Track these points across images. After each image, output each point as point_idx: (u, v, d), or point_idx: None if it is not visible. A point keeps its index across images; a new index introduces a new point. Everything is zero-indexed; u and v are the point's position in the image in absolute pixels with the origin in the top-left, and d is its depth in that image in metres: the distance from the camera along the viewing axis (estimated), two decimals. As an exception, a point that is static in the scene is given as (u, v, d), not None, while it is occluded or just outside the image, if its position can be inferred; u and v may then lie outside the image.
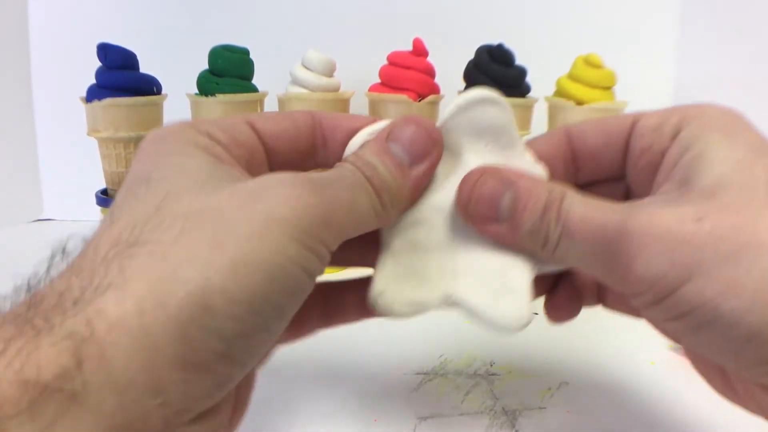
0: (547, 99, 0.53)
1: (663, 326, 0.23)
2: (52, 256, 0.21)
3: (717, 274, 0.19)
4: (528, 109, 0.53)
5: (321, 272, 0.21)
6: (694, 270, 0.19)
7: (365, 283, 0.26)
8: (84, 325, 0.16)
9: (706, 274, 0.19)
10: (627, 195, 0.27)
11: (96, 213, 0.52)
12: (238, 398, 0.23)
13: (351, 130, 0.26)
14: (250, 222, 0.19)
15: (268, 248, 0.19)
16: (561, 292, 0.29)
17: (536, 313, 0.32)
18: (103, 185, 0.52)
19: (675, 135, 0.24)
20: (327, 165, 0.26)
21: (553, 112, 0.52)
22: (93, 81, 0.49)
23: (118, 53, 0.49)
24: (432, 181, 0.25)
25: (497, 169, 0.24)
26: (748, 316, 0.19)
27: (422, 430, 0.32)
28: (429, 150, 0.24)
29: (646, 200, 0.22)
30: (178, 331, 0.17)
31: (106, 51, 0.49)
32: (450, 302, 0.25)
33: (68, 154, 0.72)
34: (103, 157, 0.51)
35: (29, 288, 0.19)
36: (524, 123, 0.54)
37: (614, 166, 0.26)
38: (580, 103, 0.50)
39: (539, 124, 0.54)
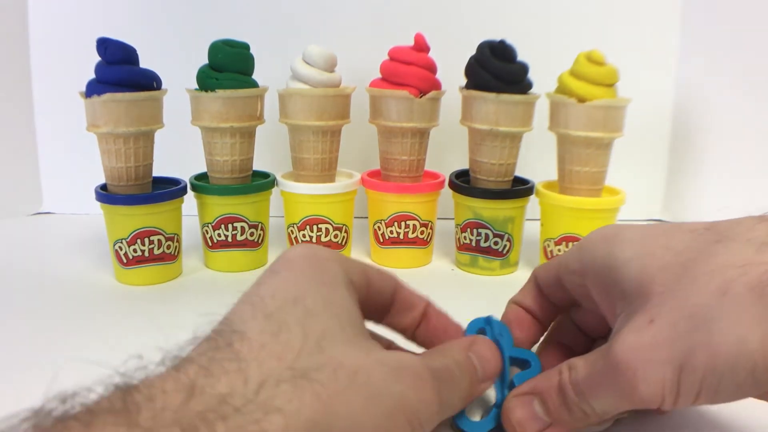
0: (548, 95, 0.52)
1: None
2: (203, 340, 0.23)
3: (695, 356, 0.22)
4: (530, 106, 0.53)
5: None
6: (684, 361, 0.22)
7: None
8: None
9: (692, 358, 0.22)
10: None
11: (95, 207, 0.52)
12: None
13: (410, 309, 0.31)
14: (390, 397, 0.22)
15: (408, 409, 0.23)
16: None
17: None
18: (102, 180, 0.52)
19: (583, 271, 0.29)
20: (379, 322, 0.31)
21: (554, 109, 0.52)
22: (92, 76, 0.49)
23: (117, 48, 0.49)
24: None
25: (517, 390, 0.29)
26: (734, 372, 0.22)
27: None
28: (496, 373, 0.29)
29: (615, 333, 0.25)
30: None
31: (105, 46, 0.49)
32: None
33: (68, 149, 0.71)
34: (103, 152, 0.51)
35: (175, 364, 0.21)
36: (525, 120, 0.53)
37: (565, 298, 0.32)
38: (582, 99, 0.49)
39: (541, 120, 0.54)
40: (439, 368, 0.26)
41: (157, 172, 0.54)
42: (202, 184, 0.55)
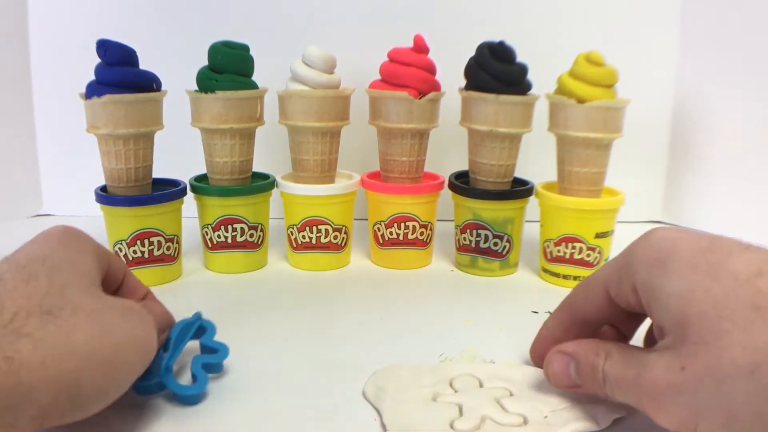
0: (548, 96, 0.53)
1: None
2: None
3: (714, 413, 0.24)
4: (529, 107, 0.53)
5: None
6: (704, 413, 0.25)
7: None
8: (2, 358, 0.23)
9: (712, 414, 0.24)
10: None
11: (95, 209, 0.52)
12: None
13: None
14: (122, 332, 0.29)
15: (127, 355, 0.29)
16: None
17: (535, 312, 0.32)
18: (102, 182, 0.52)
19: (635, 289, 0.29)
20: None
21: (554, 110, 0.52)
22: (92, 77, 0.49)
23: (117, 50, 0.49)
24: None
25: (561, 346, 0.32)
26: None
27: (422, 429, 0.32)
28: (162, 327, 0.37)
29: (652, 354, 0.27)
30: (53, 390, 0.25)
31: (105, 47, 0.49)
32: None
33: (67, 150, 0.71)
34: (103, 153, 0.51)
35: None
36: (525, 121, 0.53)
37: (618, 316, 0.33)
38: (581, 100, 0.50)
39: (540, 121, 0.54)
40: (155, 313, 0.35)
41: (157, 173, 0.54)
42: (201, 185, 0.55)
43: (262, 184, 0.56)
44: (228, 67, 0.52)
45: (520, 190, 0.55)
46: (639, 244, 0.30)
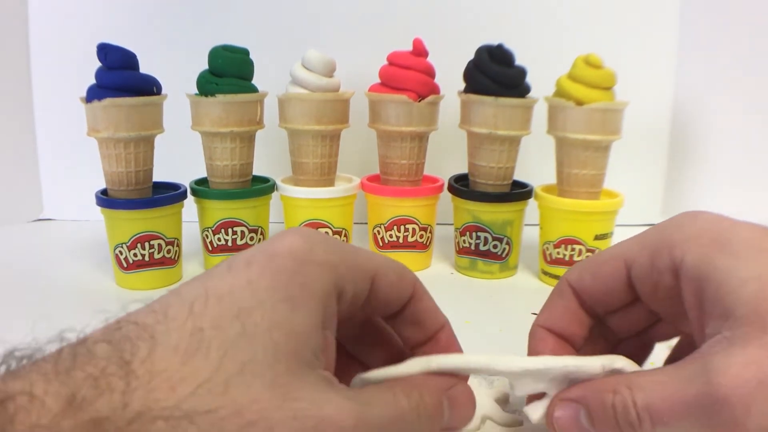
0: (546, 99, 0.53)
1: None
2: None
3: None
4: (528, 110, 0.53)
5: None
6: None
7: None
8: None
9: None
10: (650, 315, 0.29)
11: (96, 213, 0.52)
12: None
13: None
14: None
15: None
16: None
17: (535, 313, 0.32)
18: (103, 185, 0.52)
19: (676, 270, 0.25)
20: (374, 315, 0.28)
21: (552, 113, 0.52)
22: (93, 81, 0.49)
23: (118, 53, 0.49)
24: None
25: (565, 394, 0.26)
26: None
27: (422, 430, 0.32)
28: (465, 423, 0.26)
29: (713, 356, 0.23)
30: None
31: (106, 51, 0.49)
32: None
33: (68, 154, 0.72)
34: (103, 157, 0.51)
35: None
36: (524, 123, 0.54)
37: (624, 301, 0.28)
38: (580, 103, 0.50)
39: (539, 124, 0.54)
40: (383, 419, 0.22)
41: (157, 177, 0.54)
42: (202, 188, 0.55)
43: (262, 187, 0.56)
44: (228, 71, 0.52)
45: (519, 192, 0.55)
46: (684, 223, 0.26)
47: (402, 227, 0.57)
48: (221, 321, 0.20)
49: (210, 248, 0.55)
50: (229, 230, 0.55)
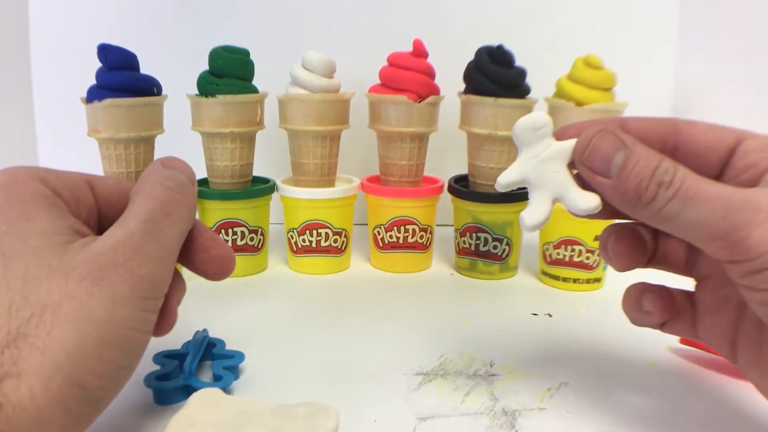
0: (546, 100, 0.53)
1: (752, 296, 0.24)
2: None
3: None
4: (528, 110, 0.53)
5: (155, 320, 0.26)
6: None
7: None
8: None
9: None
10: None
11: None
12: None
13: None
14: (101, 307, 0.23)
15: (121, 325, 0.24)
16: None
17: (535, 314, 0.32)
18: (103, 186, 0.52)
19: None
20: None
21: (552, 113, 0.52)
22: (93, 81, 0.50)
23: (118, 54, 0.49)
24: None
25: (616, 129, 0.27)
26: None
27: (422, 430, 0.32)
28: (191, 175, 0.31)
29: (756, 188, 0.24)
30: (61, 407, 0.22)
31: (106, 51, 0.49)
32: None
33: (68, 155, 0.71)
34: (104, 157, 0.51)
35: None
36: (524, 124, 0.54)
37: (708, 172, 0.28)
38: (579, 104, 0.50)
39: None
40: (146, 218, 0.26)
41: (157, 177, 0.54)
42: (202, 189, 0.55)
43: (262, 187, 0.56)
44: (228, 72, 0.52)
45: (519, 193, 0.55)
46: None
47: (402, 228, 0.57)
48: None
49: (210, 249, 0.55)
50: (229, 230, 0.55)
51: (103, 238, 0.26)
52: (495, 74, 0.52)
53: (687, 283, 0.33)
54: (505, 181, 0.29)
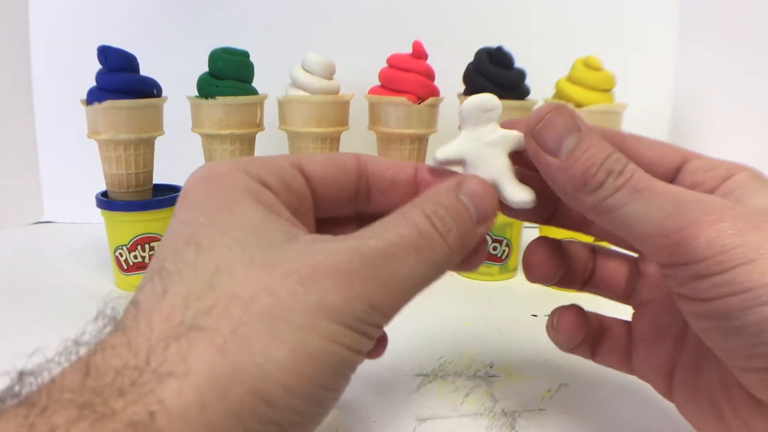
0: (546, 101, 0.53)
1: (691, 307, 0.22)
2: (100, 319, 0.20)
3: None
4: (527, 112, 0.53)
5: (372, 346, 0.21)
6: (764, 255, 0.20)
7: None
8: (146, 414, 0.17)
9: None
10: None
11: (96, 215, 0.52)
12: None
13: (395, 182, 0.27)
14: (304, 311, 0.19)
15: (324, 337, 0.19)
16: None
17: (535, 315, 0.32)
18: (103, 187, 0.52)
19: (726, 179, 0.26)
20: (368, 211, 0.27)
21: (552, 115, 0.53)
22: (93, 83, 0.50)
23: (118, 55, 0.49)
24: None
25: (574, 111, 0.25)
26: None
27: (422, 431, 0.32)
28: (494, 212, 0.26)
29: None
30: (239, 425, 0.17)
31: (106, 53, 0.49)
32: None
33: (68, 157, 0.72)
34: (104, 159, 0.51)
35: (76, 350, 0.19)
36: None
37: None
38: (579, 105, 0.50)
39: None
40: (392, 241, 0.21)
41: (157, 179, 0.54)
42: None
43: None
44: (228, 73, 0.52)
45: (519, 194, 0.55)
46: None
47: (402, 229, 0.57)
48: (175, 255, 0.20)
49: (210, 250, 0.55)
50: (229, 232, 0.55)
51: (329, 238, 0.21)
52: (494, 75, 0.52)
53: (625, 312, 0.32)
54: (443, 156, 0.28)
